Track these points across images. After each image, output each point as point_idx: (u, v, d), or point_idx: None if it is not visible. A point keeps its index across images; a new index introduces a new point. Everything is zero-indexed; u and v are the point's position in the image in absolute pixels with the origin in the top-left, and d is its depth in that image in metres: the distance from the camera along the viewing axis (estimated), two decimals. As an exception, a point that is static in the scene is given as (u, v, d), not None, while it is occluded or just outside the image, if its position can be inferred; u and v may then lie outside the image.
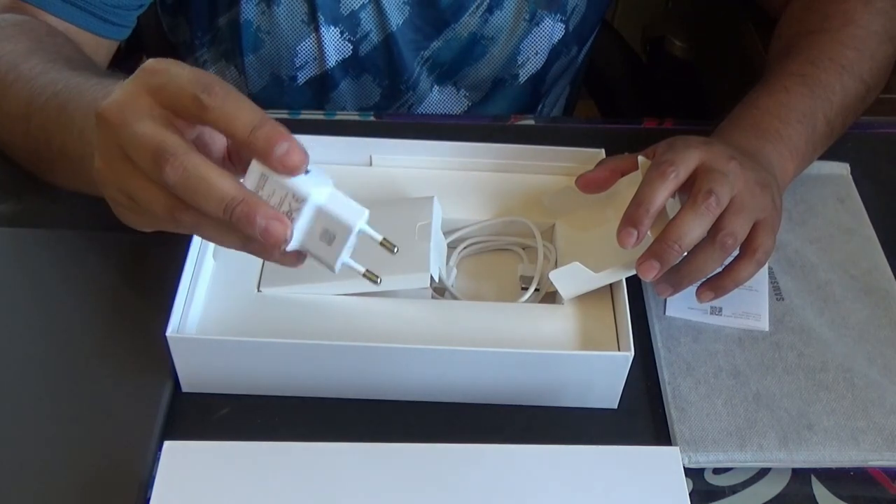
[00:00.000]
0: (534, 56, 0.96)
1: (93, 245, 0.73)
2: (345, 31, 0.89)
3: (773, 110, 0.76)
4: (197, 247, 0.67)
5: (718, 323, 0.72)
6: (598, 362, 0.64)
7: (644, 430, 0.66)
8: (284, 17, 0.88)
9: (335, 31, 0.89)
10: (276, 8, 0.87)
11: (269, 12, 0.87)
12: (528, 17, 0.91)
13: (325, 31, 0.88)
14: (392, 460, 0.58)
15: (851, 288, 0.75)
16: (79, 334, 0.68)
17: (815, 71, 0.78)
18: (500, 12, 0.91)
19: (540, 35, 0.94)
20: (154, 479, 0.57)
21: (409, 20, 0.90)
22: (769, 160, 0.73)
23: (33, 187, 0.77)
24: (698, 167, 0.66)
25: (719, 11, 1.20)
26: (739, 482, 0.64)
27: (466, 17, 0.91)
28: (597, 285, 0.67)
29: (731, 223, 0.65)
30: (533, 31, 0.93)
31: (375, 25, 0.89)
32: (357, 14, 0.88)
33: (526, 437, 0.64)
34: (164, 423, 0.63)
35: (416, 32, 0.91)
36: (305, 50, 0.90)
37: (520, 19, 0.91)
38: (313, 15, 0.87)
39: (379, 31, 0.90)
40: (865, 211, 0.82)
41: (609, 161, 0.74)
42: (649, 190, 0.65)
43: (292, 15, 0.87)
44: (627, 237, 0.64)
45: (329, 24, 0.88)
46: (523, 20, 0.92)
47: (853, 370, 0.69)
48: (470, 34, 0.92)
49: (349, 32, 0.89)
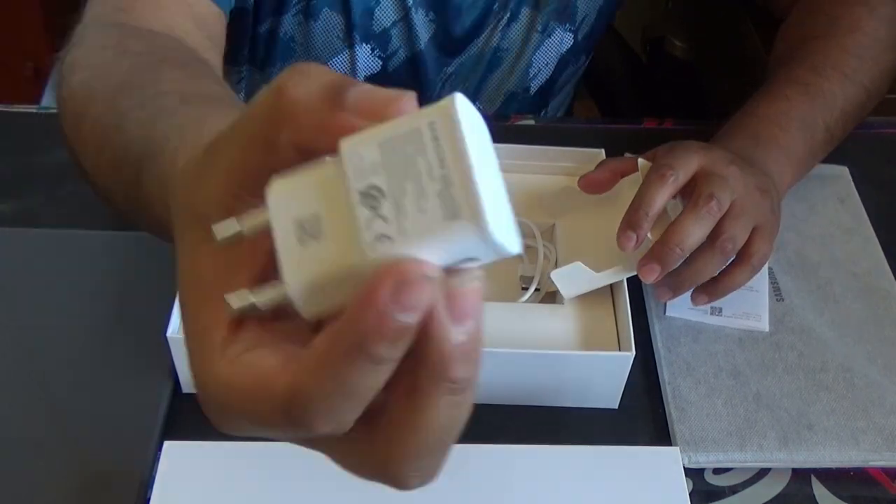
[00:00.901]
0: (544, 67, 0.96)
1: (93, 245, 0.73)
2: (375, 48, 0.89)
3: (772, 118, 0.76)
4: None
5: (718, 323, 0.72)
6: (599, 362, 0.64)
7: (644, 430, 0.66)
8: (320, 33, 0.88)
9: (367, 47, 0.89)
10: (313, 23, 0.87)
11: (305, 25, 0.87)
12: (541, 29, 0.92)
13: (358, 48, 0.89)
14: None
15: (851, 288, 0.75)
16: (79, 334, 0.68)
17: (817, 79, 0.78)
18: (515, 25, 0.91)
19: (550, 46, 0.94)
20: (154, 479, 0.57)
21: (434, 37, 0.90)
22: (768, 167, 0.73)
23: (33, 187, 0.77)
24: (698, 171, 0.66)
25: (719, 11, 1.20)
26: (739, 482, 0.64)
27: (487, 32, 0.91)
28: (598, 285, 0.67)
29: (731, 228, 0.65)
30: (545, 42, 0.93)
31: (404, 43, 0.90)
32: (388, 31, 0.88)
33: (526, 437, 0.64)
34: (164, 423, 0.63)
35: (439, 50, 0.91)
36: (337, 65, 0.90)
37: (533, 31, 0.92)
38: (349, 32, 0.87)
39: (407, 48, 0.90)
40: (865, 211, 0.82)
41: (610, 162, 0.74)
42: (648, 193, 0.65)
43: (328, 31, 0.87)
44: (627, 240, 0.64)
45: (362, 41, 0.88)
46: (536, 32, 0.92)
47: (853, 370, 0.69)
48: (490, 49, 0.93)
49: (380, 49, 0.89)
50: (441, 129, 0.27)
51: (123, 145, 0.52)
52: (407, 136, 0.27)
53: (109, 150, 0.54)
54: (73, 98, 0.60)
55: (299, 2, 0.85)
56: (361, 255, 0.27)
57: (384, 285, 0.26)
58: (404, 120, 0.27)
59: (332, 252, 0.28)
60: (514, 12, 0.89)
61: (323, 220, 0.28)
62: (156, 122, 0.49)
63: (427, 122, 0.27)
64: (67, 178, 0.79)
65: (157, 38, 0.65)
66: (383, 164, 0.27)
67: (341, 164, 0.27)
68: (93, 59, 0.62)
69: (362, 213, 0.27)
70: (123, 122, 0.53)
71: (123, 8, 0.67)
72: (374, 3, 0.85)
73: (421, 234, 0.27)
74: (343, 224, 0.27)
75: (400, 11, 0.86)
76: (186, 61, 0.61)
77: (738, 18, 1.10)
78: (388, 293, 0.26)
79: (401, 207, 0.27)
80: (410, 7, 0.85)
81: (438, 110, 0.27)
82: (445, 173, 0.27)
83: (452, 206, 0.26)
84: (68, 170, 0.84)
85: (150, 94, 0.54)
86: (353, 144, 0.27)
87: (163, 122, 0.49)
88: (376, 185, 0.27)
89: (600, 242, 0.70)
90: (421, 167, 0.27)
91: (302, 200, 0.28)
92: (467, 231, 0.26)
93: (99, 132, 0.56)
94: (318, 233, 0.28)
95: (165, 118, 0.49)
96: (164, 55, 0.61)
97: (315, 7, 0.85)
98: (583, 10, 0.93)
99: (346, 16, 0.85)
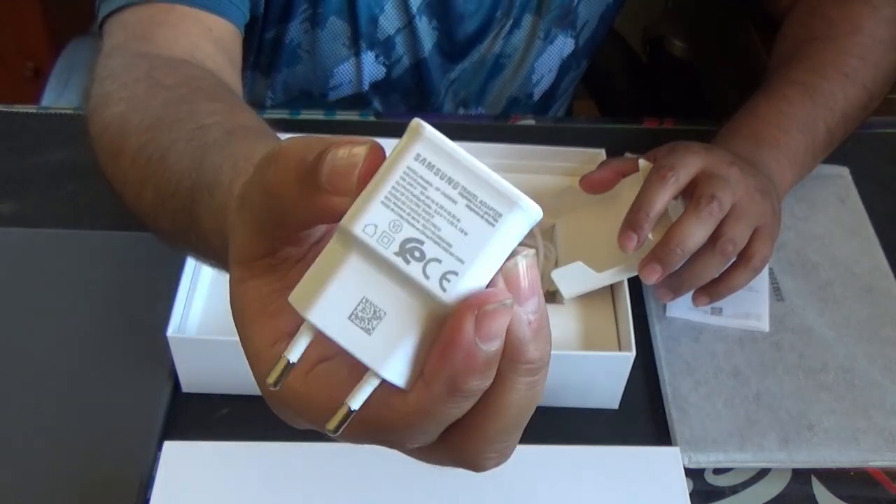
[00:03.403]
0: (547, 73, 0.96)
1: (93, 245, 0.73)
2: (380, 55, 0.89)
3: (772, 119, 0.76)
4: (197, 247, 0.67)
5: (719, 323, 0.72)
6: (599, 362, 0.64)
7: (644, 431, 0.66)
8: (326, 40, 0.88)
9: (371, 55, 0.89)
10: (319, 31, 0.87)
11: (312, 33, 0.87)
12: (543, 36, 0.92)
13: (363, 55, 0.89)
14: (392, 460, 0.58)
15: (852, 288, 0.75)
16: (79, 334, 0.67)
17: (818, 80, 0.78)
18: (518, 31, 0.91)
19: (552, 52, 0.94)
20: (154, 479, 0.57)
21: (437, 44, 0.90)
22: (767, 168, 0.73)
23: (33, 187, 0.77)
24: (699, 172, 0.66)
25: (719, 11, 1.20)
26: (740, 482, 0.64)
27: (490, 38, 0.91)
28: (598, 285, 0.67)
29: (732, 229, 0.65)
30: (547, 48, 0.93)
31: (408, 50, 0.90)
32: (392, 39, 0.88)
33: (526, 438, 0.64)
34: (164, 423, 0.63)
35: (442, 56, 0.91)
36: (343, 72, 0.90)
37: (535, 38, 0.92)
38: (355, 40, 0.87)
39: (411, 55, 0.90)
40: (865, 211, 0.82)
41: (611, 162, 0.74)
42: (649, 194, 0.65)
43: (334, 38, 0.87)
44: (628, 241, 0.64)
45: (367, 48, 0.88)
46: (538, 38, 0.92)
47: (853, 370, 0.69)
48: (492, 55, 0.93)
49: (384, 56, 0.89)
50: (429, 155, 0.27)
51: (170, 178, 0.52)
52: (403, 180, 0.27)
53: (154, 182, 0.54)
54: (109, 132, 0.60)
55: (306, 10, 0.85)
56: (438, 303, 0.27)
57: (466, 321, 0.27)
58: (388, 169, 0.27)
59: (405, 319, 0.28)
60: (516, 19, 0.89)
61: (373, 301, 0.28)
62: (206, 154, 0.50)
63: (412, 157, 0.27)
64: (67, 178, 0.79)
65: (185, 69, 0.65)
66: (400, 218, 0.27)
67: (358, 244, 0.27)
68: (125, 92, 0.62)
69: (413, 269, 0.27)
70: (168, 154, 0.54)
71: (144, 36, 0.68)
72: (378, 11, 0.85)
73: (476, 252, 0.27)
74: (397, 293, 0.27)
75: (404, 19, 0.86)
76: (217, 93, 0.62)
77: (738, 18, 1.10)
78: (471, 329, 0.27)
79: (443, 241, 0.27)
80: (414, 14, 0.85)
81: (414, 140, 0.27)
82: (463, 188, 0.27)
83: (488, 210, 0.27)
84: (68, 170, 0.84)
85: (190, 128, 0.55)
86: (359, 220, 0.27)
87: (213, 154, 0.49)
88: (408, 238, 0.27)
89: (601, 242, 0.70)
90: (435, 197, 0.27)
91: (340, 297, 0.28)
92: (515, 221, 0.27)
93: (141, 165, 0.56)
94: (377, 314, 0.28)
95: (216, 150, 0.50)
96: (196, 86, 0.62)
97: (321, 15, 0.85)
98: (584, 16, 0.93)
99: (353, 23, 0.85)
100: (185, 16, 0.69)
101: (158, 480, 0.58)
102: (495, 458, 0.32)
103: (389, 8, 0.85)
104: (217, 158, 0.48)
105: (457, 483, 0.58)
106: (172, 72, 0.64)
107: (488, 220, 0.27)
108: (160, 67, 0.64)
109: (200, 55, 0.68)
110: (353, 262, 0.28)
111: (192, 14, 0.69)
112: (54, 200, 0.76)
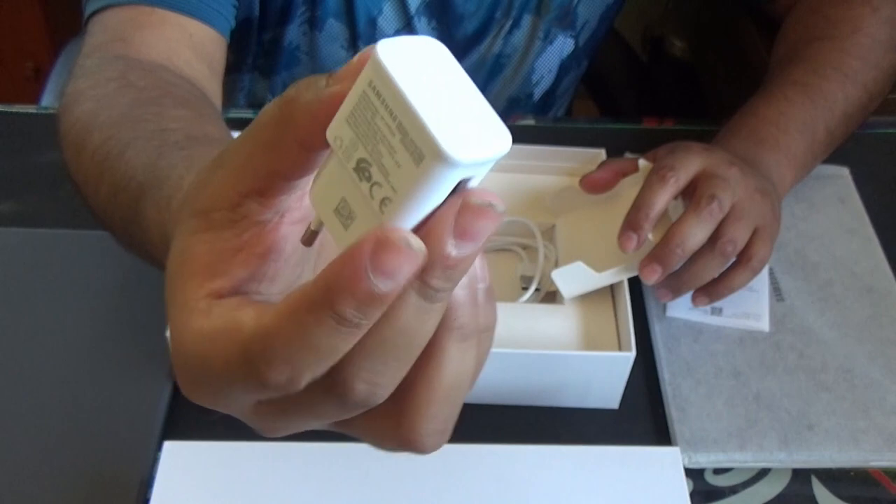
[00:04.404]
0: (547, 74, 0.96)
1: (93, 245, 0.73)
2: None
3: (772, 119, 0.76)
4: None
5: (719, 323, 0.72)
6: (599, 362, 0.64)
7: (644, 430, 0.66)
8: (325, 42, 0.88)
9: None
10: (317, 33, 0.87)
11: (310, 35, 0.87)
12: (543, 36, 0.92)
13: None
14: (392, 460, 0.58)
15: (852, 288, 0.75)
16: (79, 334, 0.68)
17: (818, 80, 0.78)
18: (518, 32, 0.91)
19: (552, 52, 0.94)
20: (154, 479, 0.57)
21: None
22: (767, 168, 0.73)
23: (33, 187, 0.77)
24: (700, 173, 0.66)
25: (719, 12, 1.20)
26: (740, 482, 0.64)
27: (489, 38, 0.91)
28: (599, 285, 0.67)
29: (732, 230, 0.65)
30: (547, 49, 0.93)
31: None
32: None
33: (526, 437, 0.64)
34: (164, 423, 0.63)
35: None
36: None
37: (534, 38, 0.92)
38: (353, 41, 0.87)
39: None
40: (865, 211, 0.82)
41: (611, 162, 0.74)
42: (649, 194, 0.65)
43: (333, 40, 0.87)
44: (628, 241, 0.65)
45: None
46: (538, 39, 0.92)
47: (854, 370, 0.69)
48: (492, 56, 0.93)
49: None
50: (378, 83, 0.27)
51: (124, 172, 0.52)
52: (360, 103, 0.28)
53: (109, 176, 0.54)
54: (76, 128, 0.60)
55: (304, 12, 0.85)
56: (379, 221, 0.28)
57: (365, 246, 0.26)
58: (355, 88, 0.28)
59: (366, 225, 0.29)
60: (515, 19, 0.89)
61: (349, 202, 0.29)
62: (162, 153, 0.50)
63: (367, 82, 0.27)
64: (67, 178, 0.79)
65: (160, 73, 0.65)
66: (358, 137, 0.28)
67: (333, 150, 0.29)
68: (96, 90, 0.62)
69: (363, 186, 0.28)
70: (126, 150, 0.54)
71: (123, 38, 0.68)
72: (376, 13, 0.85)
73: (408, 187, 0.27)
74: (362, 199, 0.28)
75: (402, 20, 0.86)
76: (188, 100, 0.62)
77: (738, 18, 1.10)
78: (367, 254, 0.26)
79: (384, 169, 0.27)
80: (413, 15, 0.85)
81: (370, 66, 0.27)
82: (399, 122, 0.27)
83: (415, 149, 0.27)
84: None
85: (153, 129, 0.55)
86: (333, 131, 0.29)
87: (169, 153, 0.49)
88: (362, 158, 0.28)
89: (601, 242, 0.70)
90: (381, 125, 0.27)
91: (331, 193, 0.30)
92: (438, 166, 0.26)
93: (99, 159, 0.56)
94: (351, 214, 0.29)
95: (174, 150, 0.50)
96: (167, 90, 0.62)
97: (320, 17, 0.85)
98: (583, 16, 0.93)
99: (351, 26, 0.85)
100: (166, 20, 0.69)
101: (158, 480, 0.58)
102: (434, 437, 0.31)
103: (388, 9, 0.85)
104: (174, 158, 0.48)
105: (456, 483, 0.58)
106: (147, 74, 0.64)
107: (415, 159, 0.27)
108: (135, 70, 0.65)
109: (178, 61, 0.68)
110: (335, 166, 0.29)
111: (173, 18, 0.69)
112: (54, 200, 0.77)
